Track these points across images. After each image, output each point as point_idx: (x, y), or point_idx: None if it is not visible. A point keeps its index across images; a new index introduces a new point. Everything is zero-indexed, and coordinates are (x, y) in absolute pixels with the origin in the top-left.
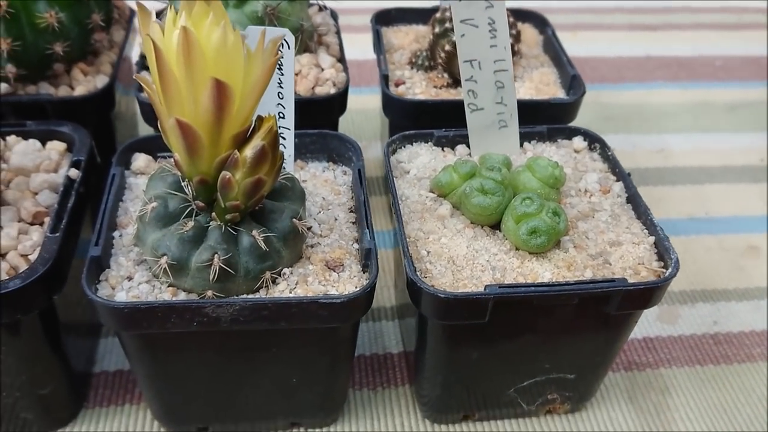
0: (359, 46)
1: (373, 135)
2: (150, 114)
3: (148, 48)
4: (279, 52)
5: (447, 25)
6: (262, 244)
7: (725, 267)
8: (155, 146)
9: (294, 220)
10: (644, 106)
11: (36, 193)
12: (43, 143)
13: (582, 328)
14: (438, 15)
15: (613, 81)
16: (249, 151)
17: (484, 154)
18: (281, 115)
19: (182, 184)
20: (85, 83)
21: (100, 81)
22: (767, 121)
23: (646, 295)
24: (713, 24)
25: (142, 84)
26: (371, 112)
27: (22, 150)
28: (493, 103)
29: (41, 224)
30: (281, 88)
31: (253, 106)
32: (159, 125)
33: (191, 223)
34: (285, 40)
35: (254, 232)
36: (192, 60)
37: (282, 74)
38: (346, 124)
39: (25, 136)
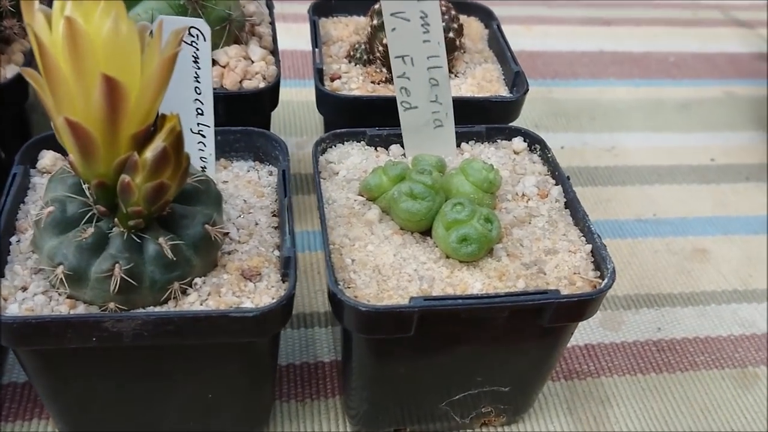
0: (303, 37)
1: (315, 130)
2: None
3: (33, 41)
4: (180, 45)
5: None
6: (169, 253)
7: (671, 271)
8: None
9: (206, 226)
10: (596, 103)
11: None
12: None
13: (515, 341)
14: (377, 6)
15: (565, 77)
16: (149, 153)
17: (417, 156)
18: (199, 111)
19: (83, 186)
20: None
21: (10, 71)
22: (718, 120)
23: (581, 307)
24: (668, 19)
25: (28, 79)
26: (312, 104)
27: None
28: (427, 101)
29: None
30: (198, 82)
31: (152, 104)
32: (51, 124)
33: (91, 230)
34: (200, 31)
35: (161, 240)
36: (80, 55)
37: (198, 68)
38: (287, 119)
39: None
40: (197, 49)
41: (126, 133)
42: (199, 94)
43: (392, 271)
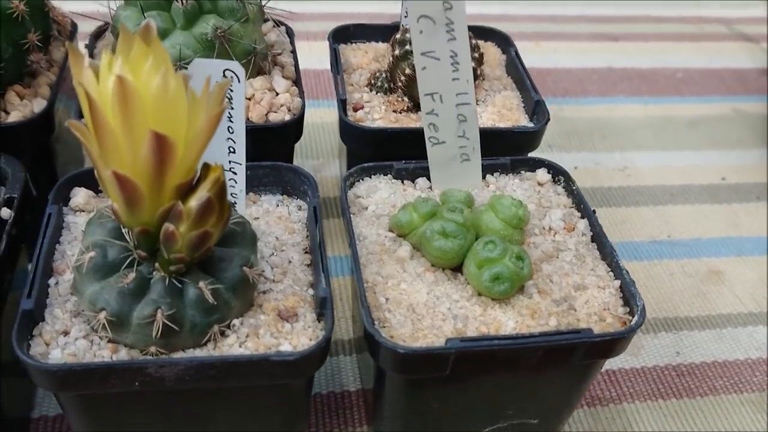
0: (318, 55)
1: (332, 152)
2: None
3: (82, 96)
4: (225, 101)
5: (408, 47)
6: (210, 297)
7: (688, 293)
8: (96, 179)
9: (244, 268)
10: (607, 121)
11: None
12: None
13: (546, 376)
14: (398, 36)
15: (575, 94)
16: (194, 203)
17: (446, 191)
18: (231, 149)
19: (123, 230)
20: (21, 108)
21: (38, 105)
22: (727, 138)
23: (612, 345)
24: (674, 34)
25: (74, 132)
26: (330, 126)
27: None
28: (455, 136)
29: None
30: (231, 122)
31: (197, 156)
32: (96, 173)
33: (132, 275)
34: (235, 72)
35: (201, 284)
36: (129, 111)
37: (232, 107)
38: (304, 141)
39: None
40: (231, 90)
41: (171, 184)
42: (232, 133)
43: (426, 309)
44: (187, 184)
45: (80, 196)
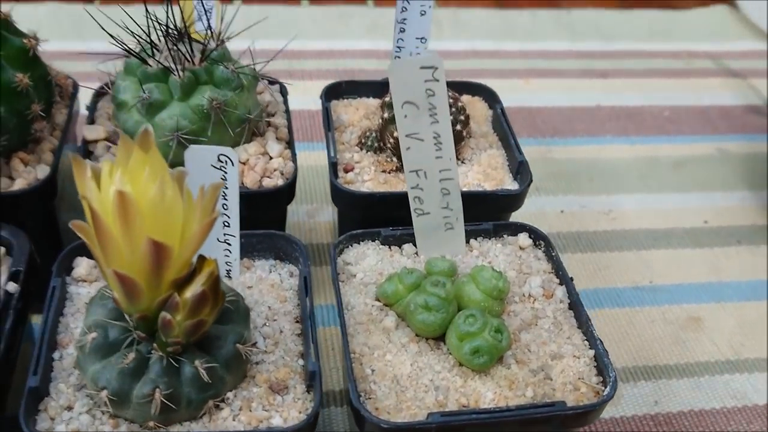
0: (313, 95)
1: (326, 196)
2: None
3: (85, 206)
4: (216, 212)
5: None
6: (205, 376)
7: (667, 341)
8: None
9: (238, 345)
10: (594, 162)
11: None
12: None
13: None
14: (387, 99)
15: (564, 134)
16: (189, 294)
17: (430, 260)
18: (226, 223)
19: (123, 312)
20: (25, 174)
21: (41, 171)
22: (711, 179)
23: (585, 416)
24: (662, 70)
25: (78, 233)
26: (324, 169)
27: None
28: (439, 207)
29: None
30: (225, 200)
31: (192, 254)
32: (97, 265)
33: (132, 355)
34: (229, 157)
35: (197, 363)
36: (129, 220)
37: (226, 188)
38: (297, 183)
39: None
40: (225, 173)
41: (168, 279)
42: (227, 209)
43: (410, 381)
44: (182, 278)
45: (82, 267)
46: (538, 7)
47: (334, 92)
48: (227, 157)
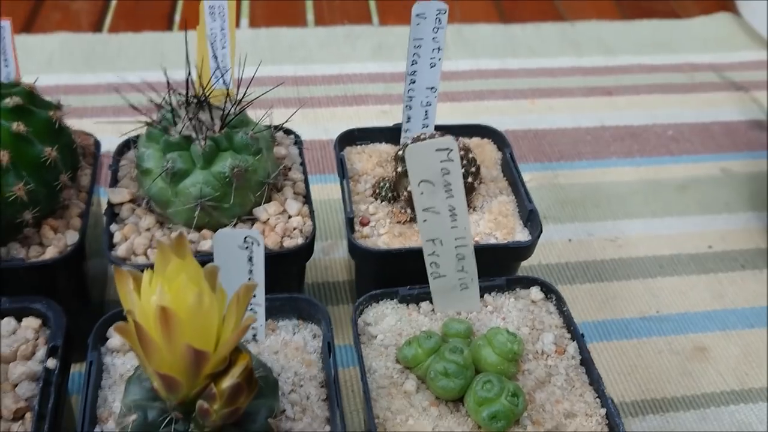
0: (324, 124)
1: (340, 232)
2: None
3: (130, 320)
4: (252, 317)
5: None
6: None
7: (674, 372)
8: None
9: (269, 420)
10: (599, 187)
11: (15, 385)
12: (18, 319)
13: None
14: (401, 153)
15: (570, 157)
16: (226, 386)
17: (447, 323)
18: (253, 294)
19: None
20: (55, 242)
21: (71, 237)
22: (715, 202)
23: None
24: (666, 85)
25: (122, 336)
26: (337, 203)
27: None
28: (454, 271)
29: (22, 418)
30: (251, 273)
31: (228, 353)
32: (139, 361)
33: None
34: (254, 238)
35: None
36: (170, 331)
37: (252, 264)
38: None
39: (1, 314)
40: (252, 252)
41: (205, 374)
42: (250, 280)
43: None
44: (219, 373)
45: (117, 338)
46: (542, 20)
47: (346, 139)
48: (253, 238)
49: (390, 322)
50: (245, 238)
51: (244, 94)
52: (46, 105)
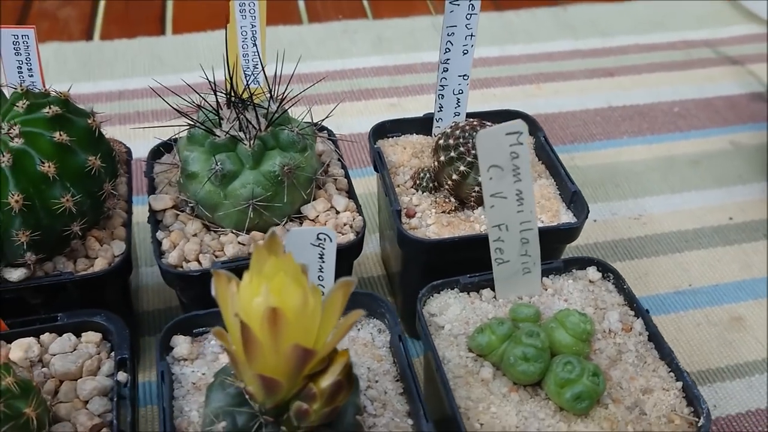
0: (333, 118)
1: (370, 227)
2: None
3: (235, 322)
4: (359, 312)
5: (453, 153)
6: None
7: (715, 343)
8: (191, 325)
9: (357, 417)
10: (616, 167)
11: (86, 402)
12: (76, 334)
13: None
14: (441, 142)
15: (583, 139)
16: (325, 385)
17: (514, 308)
18: (323, 293)
19: (246, 396)
20: (102, 253)
21: (117, 248)
22: (728, 174)
23: None
24: (664, 63)
25: (219, 339)
26: (368, 197)
27: (59, 348)
28: (518, 255)
29: None
30: (321, 272)
31: (331, 349)
32: (233, 365)
33: None
34: (327, 235)
35: None
36: (278, 332)
37: (323, 261)
38: None
39: (58, 330)
40: (324, 249)
41: (305, 374)
42: (322, 280)
43: None
44: (319, 373)
45: (183, 347)
46: (535, 5)
47: (379, 132)
48: (326, 235)
49: (455, 311)
50: (318, 234)
51: (285, 92)
52: (82, 113)
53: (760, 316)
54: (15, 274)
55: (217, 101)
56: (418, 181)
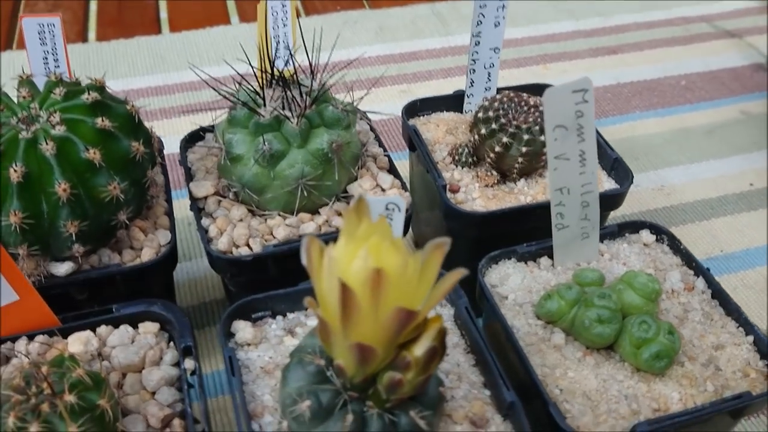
0: (370, 103)
1: None
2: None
3: (330, 287)
4: (461, 271)
5: (494, 125)
6: (423, 425)
7: (754, 306)
8: (249, 310)
9: (440, 388)
10: (633, 141)
11: (153, 393)
12: (133, 325)
13: None
14: (481, 115)
15: (597, 116)
16: (420, 352)
17: (578, 272)
18: None
19: (327, 373)
20: (148, 243)
21: (163, 237)
22: (743, 142)
23: (766, 401)
24: (665, 39)
25: (311, 308)
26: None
27: (118, 340)
28: (578, 220)
29: (169, 425)
30: None
31: (428, 312)
32: (324, 338)
33: (350, 416)
34: (397, 205)
35: (411, 413)
36: (381, 294)
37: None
38: None
39: (114, 323)
40: (391, 219)
41: (400, 342)
42: None
43: (599, 395)
44: (412, 341)
45: (246, 331)
46: None
47: (410, 111)
48: (395, 204)
49: (516, 280)
50: (387, 204)
51: (324, 70)
52: (118, 100)
53: None
54: (62, 268)
55: (273, 78)
56: (457, 157)
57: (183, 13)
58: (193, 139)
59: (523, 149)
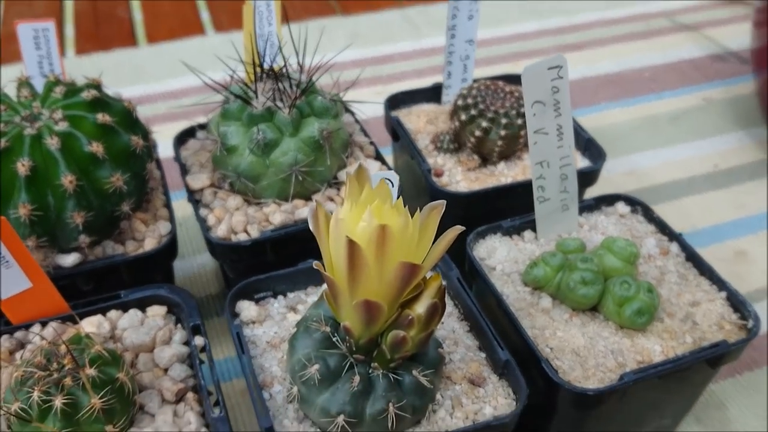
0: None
1: None
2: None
3: (337, 247)
4: (458, 228)
5: (473, 112)
6: (426, 383)
7: (724, 276)
8: (252, 290)
9: (439, 349)
10: (602, 130)
11: (166, 369)
12: (141, 309)
13: (688, 384)
14: (460, 102)
15: None
16: (422, 309)
17: (560, 242)
18: None
19: (333, 339)
20: (149, 234)
21: (163, 227)
22: (705, 127)
23: (741, 348)
24: (627, 35)
25: (319, 270)
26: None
27: (129, 324)
28: (558, 192)
29: (183, 399)
30: None
31: (431, 266)
32: (330, 298)
33: (356, 378)
34: (390, 180)
35: (414, 372)
36: (386, 250)
37: None
38: None
39: (123, 307)
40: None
41: (402, 300)
42: None
43: (587, 351)
44: (413, 299)
45: (251, 309)
46: None
47: (393, 103)
48: (389, 179)
49: (502, 253)
50: (381, 180)
51: (309, 67)
52: (114, 98)
53: (761, 248)
54: (69, 259)
55: (263, 71)
56: (439, 144)
57: (158, 25)
58: (184, 137)
59: (502, 132)
